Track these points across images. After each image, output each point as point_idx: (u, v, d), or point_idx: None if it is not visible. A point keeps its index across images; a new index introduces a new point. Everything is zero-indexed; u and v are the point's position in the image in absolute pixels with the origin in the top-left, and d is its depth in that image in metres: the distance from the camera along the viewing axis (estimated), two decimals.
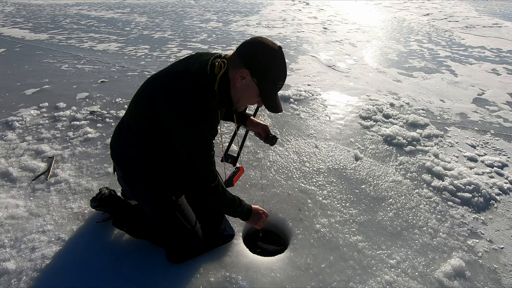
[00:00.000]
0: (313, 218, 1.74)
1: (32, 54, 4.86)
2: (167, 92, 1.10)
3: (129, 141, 1.26)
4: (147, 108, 1.16)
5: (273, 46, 1.07)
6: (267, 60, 1.07)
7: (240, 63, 1.08)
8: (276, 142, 1.55)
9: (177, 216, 1.34)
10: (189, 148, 1.13)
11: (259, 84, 1.09)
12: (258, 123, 1.57)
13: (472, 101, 3.55)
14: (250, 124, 1.57)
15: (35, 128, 2.53)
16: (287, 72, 1.14)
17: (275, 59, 1.07)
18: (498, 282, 1.47)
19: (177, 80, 1.11)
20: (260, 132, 1.57)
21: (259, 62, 1.07)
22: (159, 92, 1.13)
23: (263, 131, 1.56)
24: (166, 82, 1.14)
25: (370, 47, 5.80)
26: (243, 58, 1.08)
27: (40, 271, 1.37)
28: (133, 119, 1.24)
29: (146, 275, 1.38)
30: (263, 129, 1.56)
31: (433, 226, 1.75)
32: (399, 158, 2.36)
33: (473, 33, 7.42)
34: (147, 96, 1.18)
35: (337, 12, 10.57)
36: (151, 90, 1.18)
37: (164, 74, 1.18)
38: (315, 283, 1.39)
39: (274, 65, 1.08)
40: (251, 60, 1.07)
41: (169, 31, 6.79)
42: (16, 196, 1.80)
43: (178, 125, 1.10)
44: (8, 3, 11.70)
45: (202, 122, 1.09)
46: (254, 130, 1.58)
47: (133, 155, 1.28)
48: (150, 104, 1.15)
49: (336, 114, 3.02)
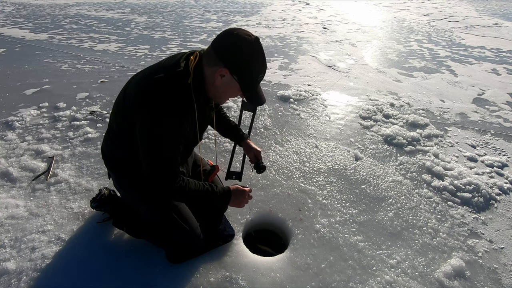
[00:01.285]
0: (313, 218, 1.74)
1: (32, 54, 4.86)
2: (138, 88, 1.08)
3: (113, 142, 1.27)
4: (122, 105, 1.15)
5: (249, 39, 1.01)
6: (245, 55, 1.01)
7: (216, 60, 1.03)
8: (264, 171, 1.53)
9: (174, 217, 1.34)
10: (150, 144, 1.07)
11: (239, 80, 1.05)
12: (251, 148, 1.55)
13: (472, 101, 3.55)
14: (244, 147, 1.56)
15: (35, 128, 2.53)
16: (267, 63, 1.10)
17: (253, 53, 1.02)
18: (498, 282, 1.47)
19: (149, 76, 1.08)
20: (251, 158, 1.56)
21: (237, 59, 1.02)
22: (131, 89, 1.12)
23: (254, 157, 1.54)
24: (139, 78, 1.13)
25: (370, 47, 5.80)
26: (219, 54, 1.02)
27: (40, 271, 1.37)
28: (113, 118, 1.24)
29: (146, 275, 1.38)
30: (255, 155, 1.54)
31: (433, 226, 1.75)
32: (399, 158, 2.36)
33: (473, 33, 7.42)
34: (123, 93, 1.17)
35: (337, 12, 10.57)
36: (126, 87, 1.18)
37: (142, 71, 1.18)
38: (315, 283, 1.39)
39: (252, 59, 1.03)
40: (228, 57, 1.02)
41: (169, 31, 6.79)
42: (16, 196, 1.80)
43: (142, 121, 1.06)
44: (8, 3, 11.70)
45: (169, 120, 1.04)
46: (247, 153, 1.57)
47: (118, 156, 1.28)
48: (124, 100, 1.14)
49: (336, 114, 3.02)
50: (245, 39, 1.01)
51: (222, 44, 1.03)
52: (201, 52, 1.11)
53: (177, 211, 1.36)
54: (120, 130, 1.20)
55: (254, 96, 1.12)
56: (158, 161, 1.09)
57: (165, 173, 1.11)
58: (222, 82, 1.07)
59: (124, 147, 1.22)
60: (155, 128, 1.05)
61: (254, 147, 1.55)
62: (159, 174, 1.11)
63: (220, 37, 1.04)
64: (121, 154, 1.27)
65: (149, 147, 1.08)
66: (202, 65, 1.08)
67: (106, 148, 1.33)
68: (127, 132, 1.16)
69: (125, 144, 1.21)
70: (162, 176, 1.11)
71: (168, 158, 1.10)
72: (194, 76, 1.07)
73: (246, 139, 1.57)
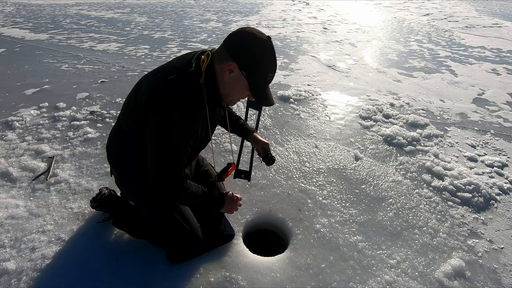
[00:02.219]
0: (313, 218, 1.74)
1: (32, 54, 4.86)
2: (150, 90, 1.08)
3: (122, 142, 1.26)
4: (133, 106, 1.15)
5: (261, 36, 1.00)
6: (256, 51, 1.00)
7: (227, 56, 1.02)
8: (273, 163, 1.51)
9: (175, 217, 1.34)
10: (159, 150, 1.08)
11: (248, 76, 1.03)
12: (259, 140, 1.53)
13: (472, 101, 3.55)
14: (252, 140, 1.55)
15: (35, 128, 2.53)
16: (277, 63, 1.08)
17: (264, 50, 1.01)
18: (498, 282, 1.47)
19: (162, 77, 1.08)
20: (259, 150, 1.54)
21: (247, 53, 1.00)
22: (144, 91, 1.11)
23: (262, 149, 1.53)
24: (151, 80, 1.12)
25: (370, 47, 5.80)
26: (230, 50, 1.02)
27: (40, 271, 1.37)
28: (124, 118, 1.23)
29: (146, 275, 1.38)
30: (263, 147, 1.53)
31: (433, 226, 1.75)
32: (399, 158, 2.36)
33: (473, 33, 7.42)
34: (135, 94, 1.17)
35: (337, 12, 10.57)
36: (138, 87, 1.17)
37: (153, 72, 1.17)
38: (315, 283, 1.39)
39: (263, 56, 1.02)
40: (238, 51, 1.01)
41: (169, 31, 6.79)
42: (16, 196, 1.80)
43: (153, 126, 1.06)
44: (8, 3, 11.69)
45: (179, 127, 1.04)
46: (254, 146, 1.56)
47: (125, 157, 1.28)
48: (135, 101, 1.13)
49: (336, 114, 3.02)
50: (257, 36, 1.00)
51: (233, 39, 1.03)
52: (212, 51, 1.10)
53: (178, 211, 1.36)
54: (130, 131, 1.19)
55: (262, 95, 1.10)
56: (165, 166, 1.09)
57: (171, 178, 1.12)
58: (231, 78, 1.05)
59: (134, 148, 1.22)
60: (165, 133, 1.05)
61: (262, 139, 1.54)
62: (166, 178, 1.11)
63: (232, 34, 1.04)
64: (129, 155, 1.26)
65: (158, 152, 1.08)
66: (213, 63, 1.07)
67: (113, 147, 1.32)
68: (137, 133, 1.16)
69: (134, 145, 1.20)
70: (168, 180, 1.12)
71: (176, 163, 1.11)
72: (206, 75, 1.07)
73: (253, 132, 1.55)
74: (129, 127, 1.19)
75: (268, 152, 1.52)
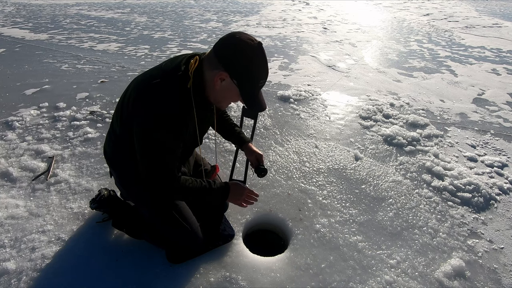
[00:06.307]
0: (313, 218, 1.74)
1: (32, 54, 4.86)
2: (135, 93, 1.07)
3: (116, 145, 1.27)
4: (120, 109, 1.15)
5: (251, 44, 0.99)
6: (246, 59, 0.99)
7: (217, 64, 1.01)
8: (265, 175, 1.50)
9: (175, 217, 1.34)
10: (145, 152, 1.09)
11: (239, 85, 1.03)
12: (253, 151, 1.52)
13: (472, 101, 3.55)
14: (246, 150, 1.54)
15: (35, 128, 2.53)
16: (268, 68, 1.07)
17: (255, 58, 1.00)
18: (498, 282, 1.47)
19: (147, 81, 1.07)
20: (252, 161, 1.54)
21: (238, 62, 0.99)
22: (130, 93, 1.11)
23: (256, 160, 1.52)
24: (138, 83, 1.12)
25: (370, 47, 5.80)
26: (220, 58, 1.00)
27: (40, 271, 1.37)
28: (116, 120, 1.24)
29: (146, 275, 1.38)
30: (256, 158, 1.52)
31: (433, 226, 1.75)
32: (399, 158, 2.36)
33: (473, 33, 7.42)
34: (123, 97, 1.17)
35: (337, 12, 10.56)
36: (127, 90, 1.18)
37: (142, 74, 1.17)
38: (315, 283, 1.39)
39: (254, 64, 1.00)
40: (229, 61, 0.99)
41: (169, 31, 6.79)
42: (16, 196, 1.80)
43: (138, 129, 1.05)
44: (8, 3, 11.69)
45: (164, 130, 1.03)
46: (248, 157, 1.55)
47: (122, 158, 1.28)
48: (123, 104, 1.14)
49: (336, 114, 3.02)
50: (247, 43, 0.98)
51: (223, 47, 1.01)
52: (202, 55, 1.10)
53: (177, 210, 1.36)
54: (122, 134, 1.20)
55: (254, 102, 1.09)
56: (153, 167, 1.10)
57: (161, 178, 1.12)
58: (222, 87, 1.05)
59: (127, 150, 1.22)
60: (149, 137, 1.05)
61: (256, 150, 1.53)
62: (156, 179, 1.12)
63: (222, 41, 1.02)
64: (123, 156, 1.27)
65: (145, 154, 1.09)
66: (203, 69, 1.06)
67: (109, 149, 1.33)
68: (129, 136, 1.16)
69: (127, 147, 1.21)
70: (158, 181, 1.12)
71: (164, 164, 1.10)
72: (194, 80, 1.06)
73: (247, 142, 1.55)
74: (121, 129, 1.20)
75: (261, 164, 1.51)
